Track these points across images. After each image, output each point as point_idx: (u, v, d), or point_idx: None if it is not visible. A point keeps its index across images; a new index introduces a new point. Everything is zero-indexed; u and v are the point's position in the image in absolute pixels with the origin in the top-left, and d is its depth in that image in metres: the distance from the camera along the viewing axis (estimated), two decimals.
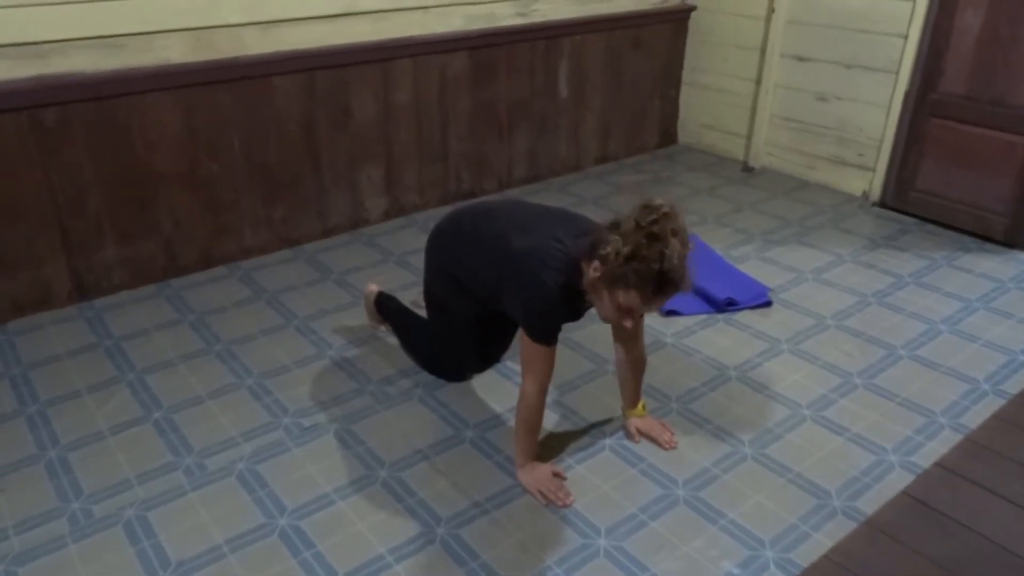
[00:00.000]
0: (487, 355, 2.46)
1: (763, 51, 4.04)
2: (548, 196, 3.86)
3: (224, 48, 2.85)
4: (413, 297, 2.73)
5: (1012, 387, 2.40)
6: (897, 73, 3.52)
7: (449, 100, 3.56)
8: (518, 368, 2.44)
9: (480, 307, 2.20)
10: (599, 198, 3.87)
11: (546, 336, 1.87)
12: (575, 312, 1.90)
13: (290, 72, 3.03)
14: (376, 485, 1.99)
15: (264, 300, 2.87)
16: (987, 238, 3.37)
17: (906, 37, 3.44)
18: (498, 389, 2.38)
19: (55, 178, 2.63)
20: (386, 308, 2.58)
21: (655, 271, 1.64)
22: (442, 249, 2.18)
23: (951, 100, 3.35)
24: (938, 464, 2.08)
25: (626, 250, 1.63)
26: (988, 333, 2.69)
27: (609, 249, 1.66)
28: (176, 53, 2.75)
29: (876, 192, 3.75)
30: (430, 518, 1.89)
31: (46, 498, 1.93)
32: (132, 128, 2.74)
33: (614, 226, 1.71)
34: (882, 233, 3.48)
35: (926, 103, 3.43)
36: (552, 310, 1.84)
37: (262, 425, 2.21)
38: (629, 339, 2.04)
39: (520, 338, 1.90)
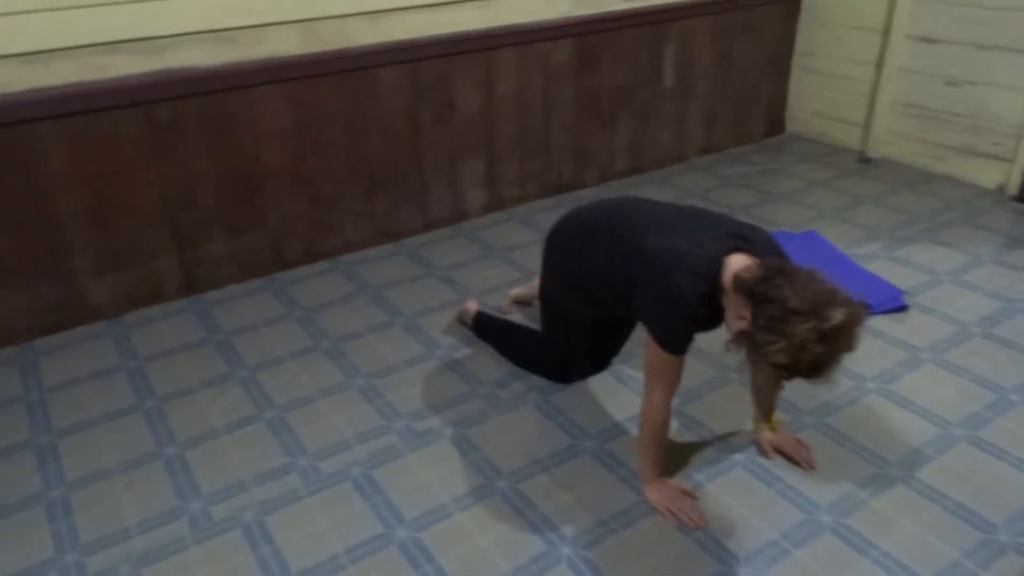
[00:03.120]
0: (600, 360, 2.34)
1: (885, 32, 3.76)
2: (650, 189, 3.70)
3: (331, 40, 2.80)
4: (497, 303, 2.64)
5: None
6: None
7: (552, 90, 3.43)
8: (632, 372, 2.33)
9: (599, 310, 2.08)
10: (706, 191, 3.69)
11: (677, 345, 1.73)
12: (712, 321, 1.75)
13: (395, 63, 2.96)
14: (495, 497, 1.90)
15: (368, 296, 2.82)
16: None
17: None
18: (615, 395, 2.26)
19: (167, 173, 2.64)
20: (484, 328, 2.50)
21: (804, 377, 1.51)
22: (564, 247, 2.06)
23: None
24: None
25: (783, 361, 1.48)
26: None
27: (768, 346, 1.48)
28: (287, 45, 2.71)
29: (1014, 185, 3.45)
30: (555, 536, 1.79)
31: (168, 497, 1.92)
32: (241, 122, 2.72)
33: (782, 304, 1.47)
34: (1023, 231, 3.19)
35: None
36: (687, 318, 1.70)
37: (375, 428, 2.15)
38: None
39: (647, 345, 1.77)
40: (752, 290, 1.56)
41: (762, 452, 2.02)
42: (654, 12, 3.58)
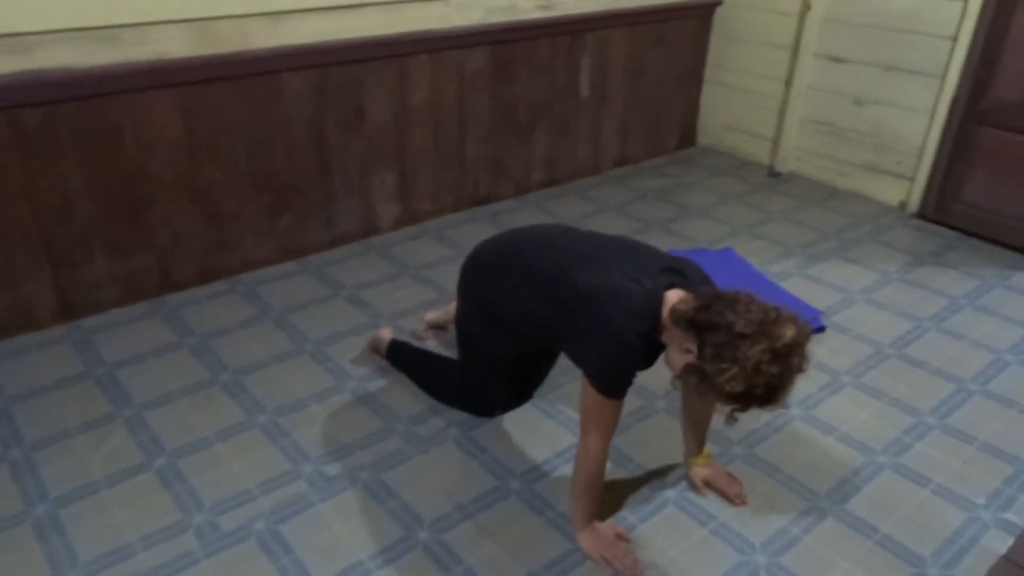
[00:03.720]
0: (522, 391, 2.23)
1: (794, 50, 3.82)
2: (568, 203, 3.62)
3: (228, 41, 2.57)
4: (412, 326, 2.49)
5: None
6: (943, 78, 3.32)
7: (467, 100, 3.30)
8: (557, 404, 2.23)
9: (520, 343, 1.97)
10: (623, 204, 3.64)
11: (617, 390, 1.63)
12: (650, 360, 1.66)
13: (300, 68, 2.75)
14: (417, 550, 1.75)
15: (271, 320, 2.61)
16: None
17: (955, 39, 3.24)
18: (539, 428, 2.15)
19: (38, 186, 2.35)
20: (400, 358, 2.34)
21: (759, 406, 1.44)
22: (483, 281, 1.92)
23: (1004, 108, 3.16)
24: None
25: (739, 389, 1.40)
26: None
27: (720, 375, 1.41)
28: (175, 46, 2.46)
29: (915, 203, 3.56)
30: None
31: (37, 568, 1.67)
32: (125, 130, 2.45)
33: (728, 331, 1.41)
34: (926, 248, 3.28)
35: (976, 110, 3.23)
36: (628, 360, 1.60)
37: (281, 474, 1.95)
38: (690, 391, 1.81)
39: (583, 388, 1.66)
40: (694, 320, 1.48)
41: (694, 488, 1.95)
42: (569, 22, 3.50)
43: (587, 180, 3.93)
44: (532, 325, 1.81)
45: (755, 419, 2.20)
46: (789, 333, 1.40)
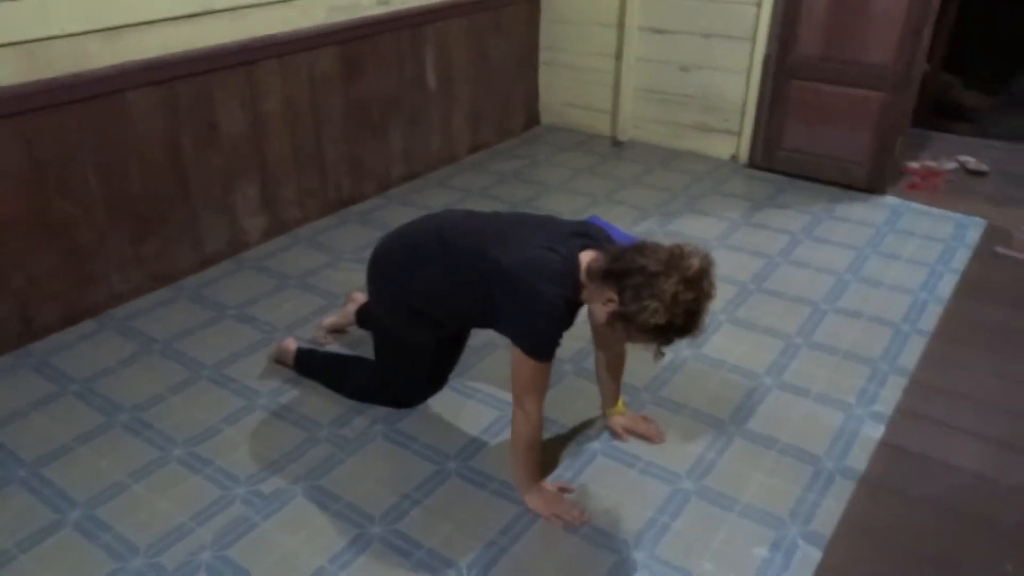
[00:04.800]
0: (439, 380, 2.28)
1: (620, 26, 4.08)
2: (431, 193, 3.68)
3: (64, 63, 2.40)
4: (312, 335, 2.48)
5: (926, 324, 2.60)
6: (754, 40, 3.69)
7: (320, 102, 3.26)
8: (473, 384, 2.30)
9: (438, 331, 2.02)
10: (484, 189, 3.75)
11: (547, 352, 1.73)
12: (571, 321, 1.77)
13: (145, 85, 2.61)
14: (375, 544, 1.77)
15: (157, 352, 2.48)
16: (851, 187, 3.63)
17: (759, 4, 3.61)
18: (462, 411, 2.22)
19: None
20: (310, 366, 2.32)
21: (682, 335, 1.59)
22: (397, 275, 1.94)
23: (808, 62, 3.56)
24: (898, 410, 2.20)
25: (662, 320, 1.53)
26: (887, 276, 2.90)
27: (643, 312, 1.53)
28: (4, 73, 2.27)
29: (744, 154, 3.94)
30: (450, 570, 1.71)
31: None
32: None
33: (643, 272, 1.54)
34: (761, 194, 3.65)
35: (785, 66, 3.63)
36: (556, 325, 1.70)
37: (213, 502, 1.89)
38: (614, 340, 1.95)
39: (514, 358, 1.74)
40: (609, 271, 1.61)
41: (616, 435, 2.10)
42: (409, 16, 3.54)
43: (446, 169, 4.00)
44: (456, 310, 1.86)
45: (655, 366, 2.38)
46: (696, 262, 1.56)
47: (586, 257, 1.70)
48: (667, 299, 1.51)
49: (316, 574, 1.70)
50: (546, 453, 2.03)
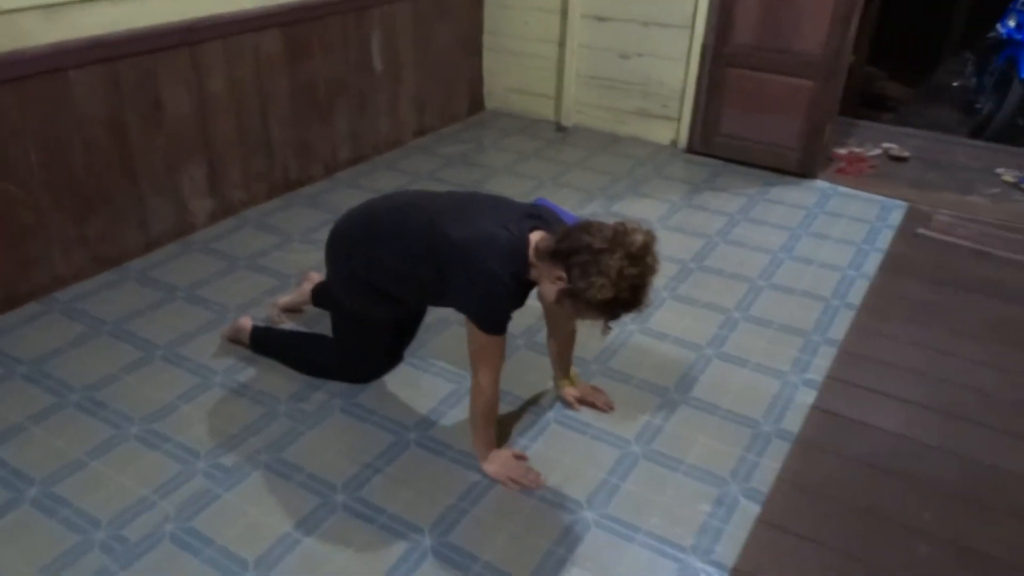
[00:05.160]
0: (395, 355, 2.34)
1: (563, 12, 4.16)
2: (378, 176, 3.70)
3: (1, 40, 2.34)
4: (267, 314, 2.50)
5: (854, 299, 2.77)
6: (692, 28, 3.82)
7: (266, 83, 3.25)
8: (430, 358, 2.36)
9: (399, 309, 2.08)
10: (432, 172, 3.79)
11: (498, 326, 1.80)
12: (521, 299, 1.85)
13: (87, 64, 2.57)
14: (338, 512, 1.82)
15: (107, 333, 2.46)
16: (784, 171, 3.81)
17: None
18: (419, 384, 2.28)
19: None
20: (265, 343, 2.34)
21: (628, 309, 1.66)
22: (354, 254, 1.97)
23: (743, 50, 3.72)
24: (829, 377, 2.36)
25: (608, 295, 1.60)
26: (818, 255, 3.07)
27: (591, 289, 1.61)
28: None
29: (683, 140, 4.08)
30: (413, 533, 1.78)
31: None
32: None
33: (589, 250, 1.62)
34: (700, 177, 3.80)
35: (722, 54, 3.77)
36: (505, 298, 1.77)
37: (175, 476, 1.91)
38: (565, 317, 2.04)
39: (468, 332, 1.81)
40: (557, 250, 1.69)
41: (568, 405, 2.20)
42: None
43: (392, 153, 4.02)
44: (411, 286, 1.91)
45: (603, 340, 2.48)
46: (639, 238, 1.65)
47: (535, 237, 1.77)
48: (613, 275, 1.60)
49: (282, 540, 1.74)
50: (503, 424, 2.11)
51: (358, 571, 1.68)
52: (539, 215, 1.86)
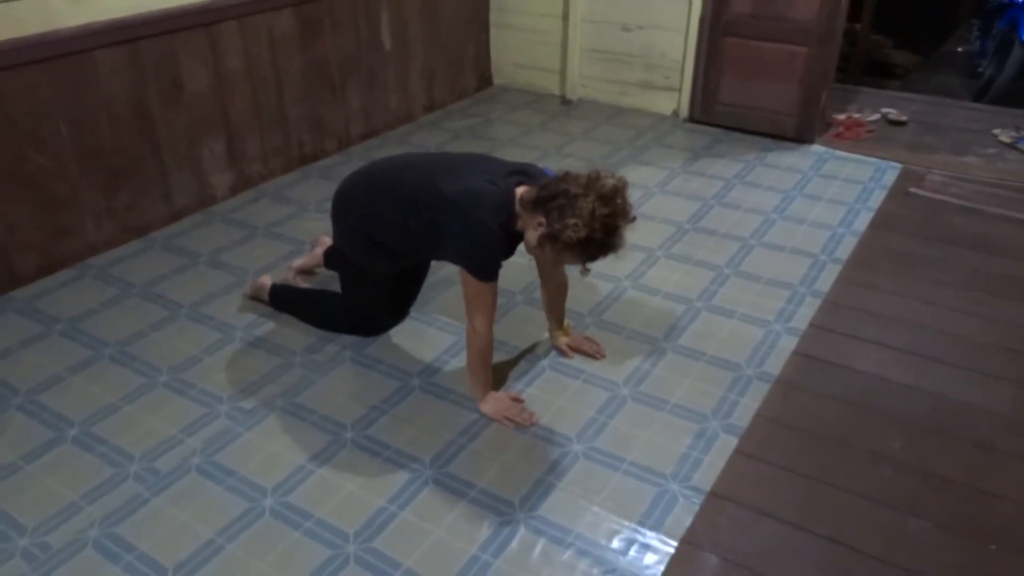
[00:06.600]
0: (400, 311, 2.50)
1: None
2: (390, 150, 3.85)
3: (32, 22, 2.52)
4: (283, 277, 2.67)
5: (841, 254, 2.88)
6: None
7: (280, 62, 3.41)
8: (435, 314, 2.53)
9: (397, 262, 2.24)
10: (441, 145, 3.94)
11: (489, 273, 1.95)
12: (510, 248, 2.00)
13: (112, 44, 2.75)
14: (347, 447, 2.00)
15: (136, 295, 2.65)
16: (782, 137, 3.91)
17: None
18: (423, 337, 2.44)
19: None
20: (283, 300, 2.52)
21: (603, 251, 1.81)
22: (357, 211, 2.14)
23: (740, 19, 3.81)
24: (811, 325, 2.48)
25: (583, 235, 1.76)
26: (809, 215, 3.18)
27: (566, 230, 1.76)
28: None
29: (684, 109, 4.18)
30: (415, 464, 1.94)
31: None
32: None
33: (565, 195, 1.78)
34: (699, 145, 3.91)
35: (719, 24, 3.86)
36: (495, 248, 1.92)
37: (200, 417, 2.10)
38: (554, 269, 2.19)
39: (462, 280, 1.97)
40: (538, 198, 1.85)
41: (562, 354, 2.35)
42: None
43: (403, 128, 4.18)
44: (408, 238, 2.07)
45: (595, 294, 2.63)
46: (610, 182, 1.82)
47: (520, 190, 1.93)
48: (586, 215, 1.75)
49: (297, 471, 1.92)
50: (500, 371, 2.27)
51: (364, 498, 1.85)
52: (524, 171, 2.01)
